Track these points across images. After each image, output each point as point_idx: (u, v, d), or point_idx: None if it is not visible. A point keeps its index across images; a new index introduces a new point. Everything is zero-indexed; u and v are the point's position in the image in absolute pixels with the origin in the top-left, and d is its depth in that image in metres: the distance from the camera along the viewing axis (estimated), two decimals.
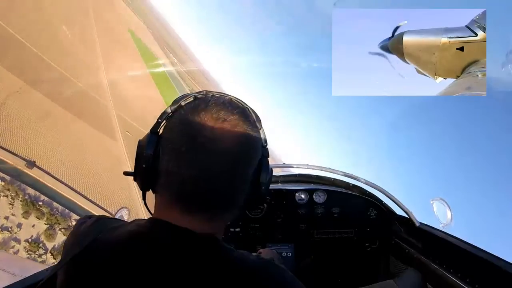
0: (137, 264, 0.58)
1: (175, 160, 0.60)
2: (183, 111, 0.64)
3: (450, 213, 1.51)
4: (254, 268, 0.63)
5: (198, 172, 0.59)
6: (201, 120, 0.60)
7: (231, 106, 0.64)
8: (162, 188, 0.63)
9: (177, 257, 0.58)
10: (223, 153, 0.60)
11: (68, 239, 0.68)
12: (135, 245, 0.60)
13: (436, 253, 1.41)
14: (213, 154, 0.59)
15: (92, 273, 0.60)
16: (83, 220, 0.71)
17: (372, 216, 1.81)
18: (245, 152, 0.63)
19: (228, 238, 1.81)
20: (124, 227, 0.64)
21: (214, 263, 0.59)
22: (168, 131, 0.64)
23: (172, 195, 0.62)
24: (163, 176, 0.62)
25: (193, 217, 0.62)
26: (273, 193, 1.84)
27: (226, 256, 0.61)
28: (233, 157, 0.61)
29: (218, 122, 0.61)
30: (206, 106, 0.63)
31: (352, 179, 1.87)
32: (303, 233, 1.83)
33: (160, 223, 0.61)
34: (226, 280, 0.58)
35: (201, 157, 0.59)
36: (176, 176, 0.60)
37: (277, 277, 0.63)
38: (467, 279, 1.19)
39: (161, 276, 0.57)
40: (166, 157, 0.62)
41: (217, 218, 0.65)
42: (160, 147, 0.63)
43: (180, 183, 0.60)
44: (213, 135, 0.59)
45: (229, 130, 0.61)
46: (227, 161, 0.61)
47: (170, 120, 0.65)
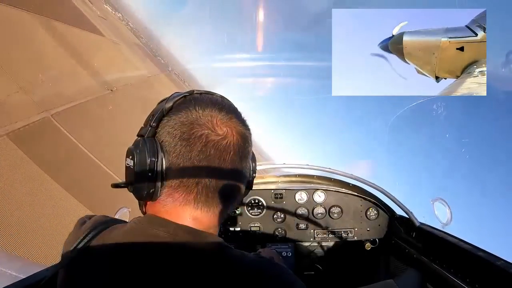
0: (135, 262, 0.58)
1: (185, 161, 0.60)
2: (181, 112, 0.63)
3: (450, 213, 1.51)
4: (253, 265, 0.63)
5: (211, 171, 0.60)
6: (208, 120, 0.61)
7: (226, 104, 0.67)
8: (170, 190, 0.62)
9: (176, 254, 0.58)
10: (233, 150, 0.62)
11: (68, 239, 0.68)
12: (133, 244, 0.60)
13: (436, 253, 1.41)
14: (224, 151, 0.61)
15: (91, 272, 0.60)
16: (83, 220, 0.71)
17: (372, 216, 1.81)
18: (246, 147, 0.66)
19: (228, 238, 1.81)
20: (123, 226, 0.64)
21: (213, 260, 0.59)
22: (168, 134, 0.62)
23: (184, 195, 0.62)
24: (172, 178, 0.61)
25: (203, 213, 0.63)
26: (273, 192, 1.84)
27: (226, 253, 0.62)
28: (241, 152, 0.64)
29: (223, 121, 0.62)
30: (207, 106, 0.63)
31: (352, 179, 1.87)
32: (303, 233, 1.83)
33: (159, 222, 0.61)
34: (225, 277, 0.58)
35: (213, 155, 0.60)
36: (189, 176, 0.60)
37: (276, 274, 0.64)
38: (467, 279, 1.19)
39: (159, 274, 0.57)
40: (172, 160, 0.61)
41: (224, 211, 0.66)
42: (162, 151, 0.61)
43: (194, 182, 0.61)
44: (221, 133, 0.61)
45: (234, 127, 0.63)
46: (237, 157, 0.63)
47: (168, 123, 0.63)
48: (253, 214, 1.83)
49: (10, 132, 3.85)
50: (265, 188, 1.85)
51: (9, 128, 3.87)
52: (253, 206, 1.84)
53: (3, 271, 1.22)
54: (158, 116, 0.63)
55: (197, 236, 0.61)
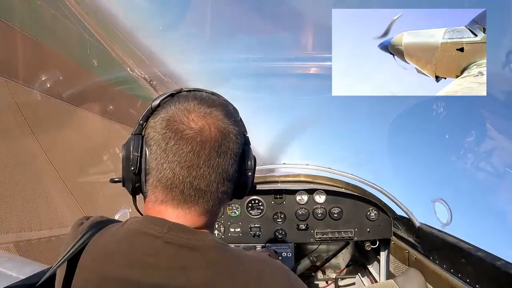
0: (129, 262, 0.58)
1: (162, 157, 0.61)
2: (164, 109, 0.64)
3: (450, 213, 1.51)
4: (254, 259, 0.64)
5: (186, 166, 0.60)
6: (184, 115, 0.62)
7: (210, 100, 0.66)
8: (152, 187, 0.64)
9: (171, 252, 0.58)
10: (209, 145, 0.61)
11: (67, 240, 0.68)
12: (128, 243, 0.60)
13: (436, 253, 1.41)
14: (199, 146, 0.60)
15: (88, 273, 0.61)
16: (81, 221, 0.71)
17: (372, 216, 1.81)
18: (227, 142, 0.64)
19: (228, 238, 1.82)
20: (119, 226, 0.65)
21: (212, 257, 0.59)
22: (151, 130, 0.64)
23: (162, 192, 0.62)
24: (152, 174, 0.63)
25: (184, 211, 0.63)
26: (273, 193, 1.84)
27: (224, 249, 0.62)
28: (219, 148, 0.62)
29: (200, 115, 0.62)
30: (187, 101, 0.64)
31: (352, 179, 1.87)
32: (303, 233, 1.83)
33: (154, 220, 0.61)
34: (222, 273, 0.58)
35: (187, 150, 0.60)
36: (165, 172, 0.61)
37: (278, 265, 0.65)
38: (467, 279, 1.19)
39: (156, 272, 0.57)
40: (153, 155, 0.62)
41: (209, 210, 0.65)
42: (146, 147, 0.64)
43: (170, 179, 0.61)
44: (197, 127, 0.61)
45: (212, 122, 0.62)
46: (214, 152, 0.62)
47: (152, 120, 0.65)
48: (253, 215, 1.84)
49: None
50: (265, 188, 1.85)
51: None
52: (253, 207, 1.84)
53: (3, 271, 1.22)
54: (146, 114, 0.66)
55: (192, 234, 0.61)
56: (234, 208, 1.84)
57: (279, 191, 1.85)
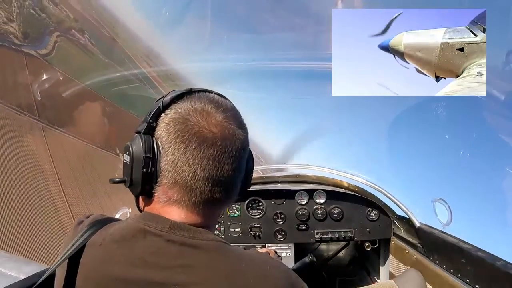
0: (130, 260, 0.58)
1: (180, 159, 0.60)
2: (177, 109, 0.63)
3: (450, 213, 1.51)
4: (254, 257, 0.64)
5: (207, 169, 0.60)
6: (202, 118, 0.61)
7: (223, 103, 0.66)
8: (165, 187, 0.62)
9: (173, 250, 0.58)
10: (224, 149, 0.61)
11: (67, 239, 0.68)
12: (129, 242, 0.60)
13: (436, 253, 1.41)
14: (219, 151, 0.61)
15: (88, 271, 0.61)
16: (80, 219, 0.71)
17: (372, 216, 1.81)
18: (243, 145, 0.66)
19: (228, 238, 1.81)
20: (119, 224, 0.64)
21: (213, 256, 0.59)
22: (164, 130, 0.62)
23: (179, 192, 0.62)
24: (167, 176, 0.61)
25: (192, 211, 0.63)
26: (273, 193, 1.84)
27: (225, 248, 0.62)
28: (237, 152, 0.63)
29: (218, 119, 0.62)
30: (203, 103, 0.63)
31: (352, 179, 1.87)
32: (303, 233, 1.83)
33: (155, 218, 0.61)
34: (223, 272, 0.58)
35: (208, 154, 0.60)
36: (184, 174, 0.60)
37: (278, 264, 0.66)
38: (467, 279, 1.19)
39: (157, 271, 0.57)
40: (169, 157, 0.61)
41: (215, 211, 0.66)
42: (159, 147, 0.62)
43: (189, 181, 0.60)
44: (217, 132, 0.61)
45: (230, 128, 0.63)
46: (233, 156, 0.62)
47: (164, 120, 0.63)
48: (253, 215, 1.83)
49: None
50: (266, 189, 1.85)
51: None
52: (254, 207, 1.84)
53: (3, 271, 1.22)
54: (156, 113, 0.64)
55: (194, 233, 0.61)
56: (234, 208, 1.84)
57: (279, 191, 1.85)
